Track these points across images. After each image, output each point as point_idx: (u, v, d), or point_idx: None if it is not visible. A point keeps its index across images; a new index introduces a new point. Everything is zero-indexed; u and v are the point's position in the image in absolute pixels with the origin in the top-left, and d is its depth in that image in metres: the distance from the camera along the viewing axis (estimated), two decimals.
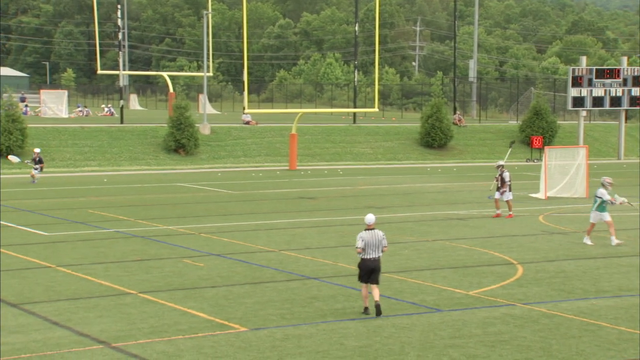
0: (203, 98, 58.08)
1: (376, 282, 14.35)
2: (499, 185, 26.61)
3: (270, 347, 12.47)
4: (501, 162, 27.27)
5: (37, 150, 38.26)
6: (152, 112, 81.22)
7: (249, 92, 48.50)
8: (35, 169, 37.13)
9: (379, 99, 47.46)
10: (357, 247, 14.42)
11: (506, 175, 26.62)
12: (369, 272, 14.33)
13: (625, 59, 57.58)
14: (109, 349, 12.36)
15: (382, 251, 14.51)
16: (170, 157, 47.46)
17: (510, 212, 26.69)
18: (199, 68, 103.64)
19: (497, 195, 26.74)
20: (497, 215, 26.60)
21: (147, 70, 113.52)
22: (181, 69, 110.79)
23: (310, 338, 12.96)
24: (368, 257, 14.30)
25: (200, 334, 13.17)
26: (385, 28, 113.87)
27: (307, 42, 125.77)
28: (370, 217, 14.56)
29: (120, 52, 60.66)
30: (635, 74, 54.68)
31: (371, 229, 14.44)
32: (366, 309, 14.39)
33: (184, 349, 12.35)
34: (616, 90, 53.81)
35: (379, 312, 14.14)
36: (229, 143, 51.01)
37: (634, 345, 12.56)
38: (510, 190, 26.65)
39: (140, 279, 17.17)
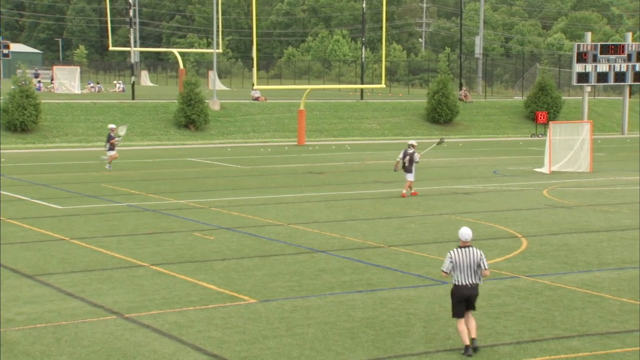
0: (213, 74, 58.28)
1: (472, 307, 11.47)
2: (407, 164, 25.35)
3: (279, 319, 12.79)
4: (413, 142, 26.18)
5: (112, 126, 34.06)
6: (163, 88, 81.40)
7: (258, 69, 48.61)
8: (112, 148, 32.86)
9: (386, 76, 47.57)
10: (442, 270, 11.43)
11: (416, 156, 25.42)
12: (462, 302, 11.35)
13: (629, 34, 57.42)
14: (122, 320, 12.70)
15: (482, 276, 11.46)
16: (180, 132, 47.74)
17: (409, 190, 25.69)
18: (209, 45, 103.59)
19: (407, 175, 25.53)
20: (404, 195, 25.49)
21: (158, 47, 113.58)
22: (191, 45, 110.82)
23: (319, 310, 13.27)
24: (461, 283, 11.32)
25: (211, 305, 13.50)
26: (393, 5, 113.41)
27: (315, 19, 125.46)
28: (465, 232, 11.37)
29: (131, 29, 60.74)
30: None
31: (466, 247, 11.36)
32: (467, 348, 11.20)
33: (195, 320, 12.67)
34: (620, 65, 53.74)
35: (474, 349, 11.27)
36: (239, 119, 51.24)
37: (636, 317, 12.83)
38: (413, 172, 25.52)
39: (152, 252, 17.51)
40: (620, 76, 54.00)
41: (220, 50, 62.96)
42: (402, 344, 11.56)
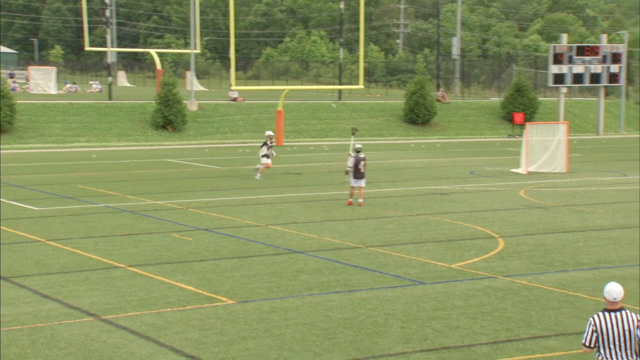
0: (190, 75, 58.11)
1: None
2: (362, 170, 23.93)
3: (258, 320, 12.77)
4: (360, 145, 24.43)
5: (269, 133, 30.90)
6: (141, 89, 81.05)
7: (236, 69, 48.54)
8: (267, 155, 30.02)
9: (364, 76, 47.64)
10: (583, 344, 8.37)
11: (362, 165, 23.93)
12: None
13: (604, 36, 57.95)
14: (99, 321, 12.62)
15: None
16: (158, 133, 47.55)
17: (360, 200, 24.09)
18: (187, 45, 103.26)
19: (353, 182, 24.00)
20: (351, 203, 24.13)
21: (135, 47, 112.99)
22: (169, 46, 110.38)
23: (297, 310, 13.27)
24: None
25: (189, 306, 13.45)
26: (370, 6, 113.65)
27: (293, 19, 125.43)
28: (613, 289, 8.33)
29: (108, 29, 60.43)
30: (614, 51, 55.12)
31: (616, 310, 8.31)
32: None
33: (173, 321, 12.63)
34: (596, 67, 54.25)
35: None
36: (216, 119, 51.13)
37: None
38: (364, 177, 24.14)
39: (129, 253, 17.43)
40: (595, 77, 54.51)
41: (198, 51, 62.75)
42: (380, 344, 11.59)
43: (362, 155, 24.09)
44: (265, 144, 30.11)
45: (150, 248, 17.97)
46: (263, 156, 30.10)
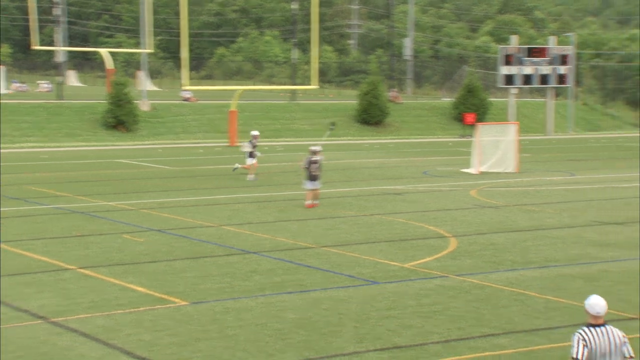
0: (142, 75, 57.59)
1: None
2: (313, 172, 23.55)
3: (211, 321, 12.71)
4: (317, 148, 24.15)
5: (255, 133, 31.07)
6: (91, 89, 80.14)
7: (189, 69, 48.30)
8: (253, 156, 30.06)
9: (317, 77, 47.75)
10: (575, 358, 7.85)
11: (316, 168, 23.59)
12: None
13: (553, 38, 58.89)
14: (48, 324, 12.44)
15: None
16: (109, 133, 47.04)
17: (317, 201, 23.81)
18: (138, 45, 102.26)
19: (309, 184, 23.70)
20: (311, 206, 23.66)
21: (85, 46, 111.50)
22: (120, 45, 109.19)
23: (250, 311, 13.24)
24: None
25: (140, 308, 13.33)
26: (323, 6, 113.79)
27: (246, 19, 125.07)
28: (597, 303, 7.97)
29: (56, 28, 59.57)
30: (563, 52, 56.07)
31: (600, 325, 7.95)
32: None
33: (124, 323, 12.50)
34: (544, 68, 55.12)
35: None
36: (169, 119, 50.75)
37: (559, 313, 13.15)
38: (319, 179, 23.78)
39: (80, 255, 17.21)
40: (544, 79, 55.38)
41: (150, 50, 62.24)
42: (333, 344, 11.62)
43: (317, 157, 23.83)
44: (250, 142, 30.15)
45: (101, 249, 17.77)
46: (249, 156, 30.05)
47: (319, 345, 11.57)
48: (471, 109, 56.20)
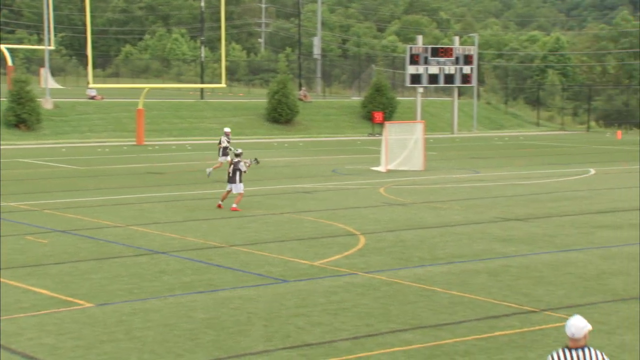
0: (45, 72, 56.08)
1: None
2: (231, 174, 22.95)
3: (117, 322, 12.49)
4: (239, 150, 23.91)
5: (227, 130, 31.22)
6: None
7: (94, 67, 47.28)
8: (226, 154, 29.87)
9: (226, 75, 47.47)
10: None
11: (241, 165, 23.05)
12: None
13: (457, 38, 60.18)
14: None
15: None
16: (10, 132, 45.64)
17: (236, 205, 22.99)
18: (40, 41, 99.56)
19: (229, 186, 23.11)
20: (221, 206, 23.26)
21: None
22: (20, 41, 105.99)
23: (158, 312, 13.07)
24: None
25: (44, 311, 13.00)
26: (231, 4, 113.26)
27: (153, 17, 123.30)
28: (573, 324, 7.20)
29: None
30: (466, 53, 57.37)
31: (579, 348, 7.19)
32: None
33: (26, 327, 12.16)
34: (449, 68, 56.28)
35: None
36: (74, 118, 49.60)
37: (464, 308, 13.45)
38: (239, 183, 23.12)
39: None
40: (449, 78, 56.53)
41: (52, 47, 60.71)
42: (242, 343, 11.59)
43: (235, 159, 23.23)
44: (227, 138, 30.27)
45: (2, 252, 17.23)
46: (223, 154, 30.10)
47: (228, 345, 11.52)
48: (379, 108, 56.87)
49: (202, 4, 58.47)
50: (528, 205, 24.53)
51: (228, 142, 30.61)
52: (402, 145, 34.45)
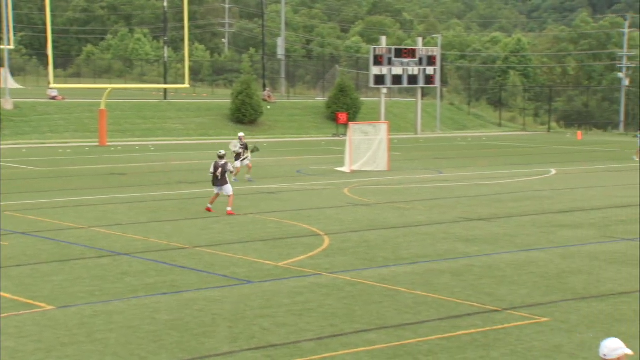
0: (4, 72, 55.36)
1: None
2: (219, 177, 22.79)
3: (79, 325, 12.36)
4: (222, 152, 23.33)
5: (241, 134, 30.55)
6: None
7: (55, 67, 46.73)
8: (244, 158, 29.24)
9: (189, 76, 47.22)
10: None
11: (229, 166, 23.10)
12: None
13: (420, 39, 60.53)
14: None
15: None
16: None
17: (229, 208, 22.64)
18: None
19: (217, 189, 23.00)
20: (211, 209, 22.91)
21: None
22: None
23: (121, 314, 12.96)
24: None
25: (3, 314, 12.81)
26: (195, 4, 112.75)
27: (115, 16, 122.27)
28: (604, 344, 6.86)
29: None
30: (430, 54, 57.73)
31: None
32: None
33: None
34: (413, 69, 56.59)
35: None
36: (34, 119, 48.99)
37: (428, 308, 13.53)
38: (228, 184, 22.95)
39: None
40: (413, 79, 56.82)
41: (12, 47, 59.91)
42: (207, 345, 11.54)
43: (221, 162, 22.77)
44: (240, 142, 29.35)
45: None
46: (236, 159, 28.92)
47: (193, 346, 11.47)
48: (344, 109, 56.98)
49: (165, 4, 58.11)
50: (491, 205, 24.74)
51: (241, 146, 29.39)
52: (367, 146, 34.56)
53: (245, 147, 29.49)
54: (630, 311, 13.35)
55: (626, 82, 68.18)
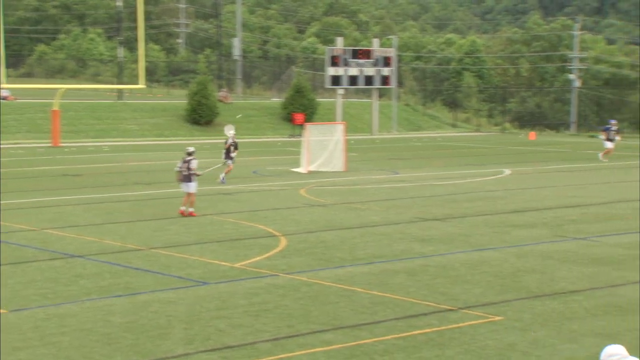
0: None
1: None
2: (185, 173, 22.47)
3: (32, 328, 12.20)
4: (191, 148, 22.96)
5: (232, 132, 30.48)
6: None
7: (6, 66, 46.09)
8: (230, 158, 29.39)
9: (144, 76, 46.84)
10: None
11: (194, 163, 22.56)
12: None
13: (376, 40, 60.86)
14: None
15: None
16: None
17: (191, 209, 22.44)
18: None
19: (184, 187, 22.57)
20: (184, 213, 22.40)
21: None
22: None
23: (75, 317, 12.82)
24: None
25: None
26: (150, 4, 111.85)
27: (68, 16, 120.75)
28: (607, 351, 6.71)
29: None
30: (385, 55, 58.07)
31: None
32: None
33: None
34: (369, 70, 56.86)
35: None
36: None
37: (384, 308, 13.60)
38: (193, 183, 22.54)
39: None
40: (369, 80, 57.10)
41: None
42: (162, 347, 11.46)
43: (188, 157, 22.43)
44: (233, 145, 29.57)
45: None
46: (226, 157, 29.60)
47: (148, 349, 11.38)
48: (300, 109, 57.03)
49: (119, 3, 57.55)
50: (445, 205, 24.96)
51: (232, 144, 29.76)
52: (323, 147, 34.64)
53: (235, 146, 29.82)
54: (582, 309, 13.58)
55: (577, 83, 69.33)
